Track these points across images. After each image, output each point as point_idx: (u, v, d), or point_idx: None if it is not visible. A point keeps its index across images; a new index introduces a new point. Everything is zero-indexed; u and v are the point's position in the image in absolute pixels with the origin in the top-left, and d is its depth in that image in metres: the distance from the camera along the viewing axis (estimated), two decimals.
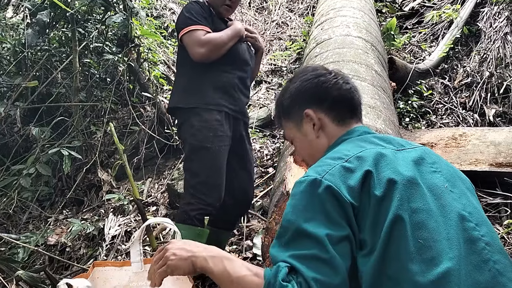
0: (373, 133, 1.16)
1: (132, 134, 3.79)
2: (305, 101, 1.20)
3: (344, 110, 1.19)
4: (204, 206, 2.02)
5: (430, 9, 5.11)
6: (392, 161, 1.00)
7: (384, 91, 2.59)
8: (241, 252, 2.46)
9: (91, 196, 3.52)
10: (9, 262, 2.40)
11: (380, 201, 0.92)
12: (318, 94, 1.18)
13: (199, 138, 2.05)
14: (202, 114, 2.07)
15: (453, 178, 1.05)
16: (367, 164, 0.97)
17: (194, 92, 2.11)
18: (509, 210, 2.40)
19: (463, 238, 0.90)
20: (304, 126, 1.20)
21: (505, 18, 4.22)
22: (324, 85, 1.18)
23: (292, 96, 1.22)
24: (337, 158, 1.00)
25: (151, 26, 4.15)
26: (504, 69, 3.79)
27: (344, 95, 1.18)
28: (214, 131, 2.06)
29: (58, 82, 3.88)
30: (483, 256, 0.89)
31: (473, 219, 0.95)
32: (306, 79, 1.21)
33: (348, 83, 1.20)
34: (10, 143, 3.76)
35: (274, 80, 4.71)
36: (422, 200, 0.94)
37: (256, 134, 3.74)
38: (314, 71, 1.22)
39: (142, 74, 3.93)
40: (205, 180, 2.03)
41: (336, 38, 3.14)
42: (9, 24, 4.24)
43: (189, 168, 2.10)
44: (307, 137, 1.20)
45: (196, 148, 2.06)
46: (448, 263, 0.84)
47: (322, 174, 0.95)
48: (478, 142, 2.79)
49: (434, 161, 1.07)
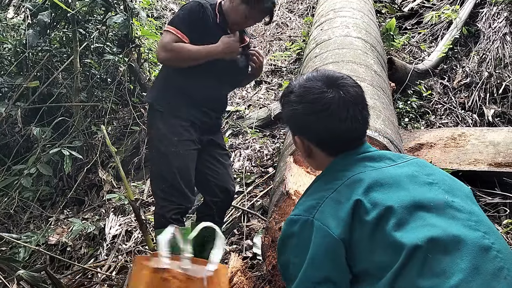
0: (367, 153, 1.11)
1: (132, 134, 3.81)
2: (295, 127, 1.16)
3: (337, 147, 1.11)
4: (177, 206, 2.07)
5: (430, 9, 5.12)
6: (383, 183, 1.00)
7: (383, 91, 2.61)
8: (241, 251, 2.47)
9: (92, 195, 3.53)
10: (10, 262, 2.41)
11: (375, 227, 0.93)
12: (308, 130, 1.12)
13: (165, 143, 2.09)
14: (168, 120, 2.12)
15: (452, 187, 1.04)
16: (356, 193, 0.98)
17: (165, 96, 2.15)
18: (508, 210, 2.41)
19: (474, 248, 0.89)
20: (298, 146, 1.18)
21: (504, 19, 4.23)
22: (315, 124, 1.08)
23: (287, 115, 1.19)
24: (328, 189, 1.02)
25: (152, 27, 4.17)
26: (503, 69, 3.80)
27: (337, 137, 1.09)
28: (179, 136, 2.10)
29: (59, 83, 3.89)
30: (497, 264, 0.87)
31: (481, 228, 0.94)
32: (298, 112, 1.11)
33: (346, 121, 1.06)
34: (11, 143, 3.77)
35: (274, 80, 4.72)
36: (422, 218, 0.93)
37: (256, 134, 3.75)
38: (305, 96, 1.10)
39: (143, 75, 3.94)
40: (173, 183, 2.06)
41: (335, 39, 3.15)
42: (10, 24, 4.25)
43: (157, 172, 2.14)
44: (302, 154, 1.22)
45: (162, 152, 2.10)
46: (459, 275, 0.84)
47: (312, 213, 0.98)
48: (477, 142, 2.81)
49: (430, 173, 1.06)
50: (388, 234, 0.91)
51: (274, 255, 1.81)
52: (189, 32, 2.05)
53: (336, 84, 1.10)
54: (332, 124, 1.07)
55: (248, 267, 2.23)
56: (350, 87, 1.10)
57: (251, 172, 3.25)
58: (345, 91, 1.08)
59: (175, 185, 2.07)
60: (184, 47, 2.03)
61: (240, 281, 1.93)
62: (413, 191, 0.99)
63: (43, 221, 3.32)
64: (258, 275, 2.11)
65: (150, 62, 4.18)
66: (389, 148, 1.95)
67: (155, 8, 5.49)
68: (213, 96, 2.21)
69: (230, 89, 2.38)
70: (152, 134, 2.19)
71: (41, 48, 3.79)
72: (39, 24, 3.53)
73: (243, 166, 3.34)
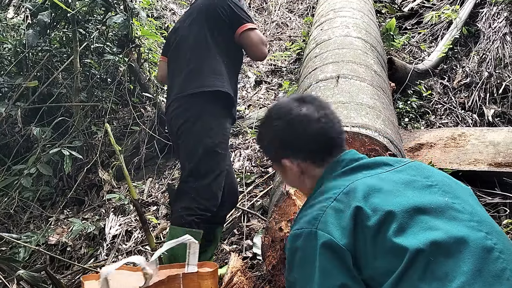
0: (359, 159, 1.13)
1: (132, 134, 3.81)
2: (280, 151, 1.18)
3: (322, 150, 1.15)
4: (203, 212, 1.99)
5: (430, 9, 5.12)
6: (382, 188, 0.99)
7: (383, 91, 2.61)
8: (241, 251, 2.47)
9: (92, 196, 3.53)
10: (10, 262, 2.41)
11: (376, 233, 0.92)
12: (290, 145, 1.15)
13: (215, 142, 2.00)
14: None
15: (452, 188, 1.03)
16: (356, 200, 0.97)
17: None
18: (508, 210, 2.41)
19: (476, 250, 0.88)
20: (288, 173, 1.20)
21: (504, 19, 4.23)
22: (294, 135, 1.14)
23: (268, 144, 1.22)
24: (326, 199, 1.02)
25: (152, 27, 4.16)
26: (503, 69, 3.80)
27: (317, 138, 1.13)
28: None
29: (59, 83, 3.89)
30: (499, 265, 0.87)
31: (483, 228, 0.93)
32: (277, 130, 1.17)
33: (318, 121, 1.13)
34: (11, 143, 3.77)
35: (274, 80, 4.73)
36: (422, 221, 0.93)
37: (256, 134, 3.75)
38: (284, 117, 1.16)
39: (143, 75, 3.94)
40: (210, 184, 1.99)
41: (335, 39, 3.15)
42: (10, 24, 4.25)
43: (196, 170, 2.01)
44: (294, 181, 1.22)
45: (209, 150, 2.00)
46: (462, 278, 0.83)
47: (315, 224, 0.98)
48: (477, 142, 2.81)
49: (428, 175, 1.06)
50: (389, 239, 0.91)
51: (274, 255, 1.81)
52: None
53: (305, 99, 1.18)
54: (311, 126, 1.13)
55: (248, 267, 2.23)
56: (318, 100, 1.20)
57: (251, 172, 3.26)
58: (316, 102, 1.18)
59: (212, 186, 1.99)
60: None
61: (240, 281, 1.93)
62: (413, 195, 0.99)
63: (43, 221, 3.32)
64: (258, 275, 2.11)
65: (150, 62, 4.18)
66: (389, 148, 1.95)
67: (155, 8, 5.49)
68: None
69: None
70: (198, 126, 2.02)
71: (41, 48, 3.79)
72: (39, 24, 3.53)
73: (243, 166, 3.34)
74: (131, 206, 3.19)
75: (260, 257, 2.26)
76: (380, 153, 1.92)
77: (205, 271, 1.51)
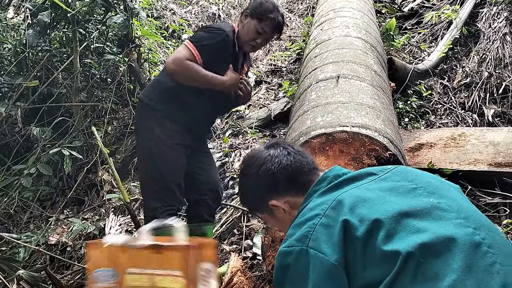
0: (343, 174, 1.16)
1: (132, 134, 3.80)
2: (263, 195, 1.22)
3: (300, 180, 1.20)
4: (169, 207, 2.10)
5: (430, 9, 5.12)
6: (367, 198, 1.01)
7: (383, 91, 2.61)
8: (241, 251, 2.47)
9: (92, 195, 3.53)
10: (10, 262, 2.41)
11: (365, 242, 0.93)
12: (270, 184, 1.20)
13: (159, 145, 2.13)
14: (163, 122, 2.15)
15: (437, 188, 1.05)
16: (343, 213, 0.99)
17: (163, 98, 2.18)
18: (508, 210, 2.41)
19: (465, 246, 0.89)
20: (277, 214, 1.23)
21: (504, 19, 4.23)
22: (270, 172, 1.20)
23: (250, 195, 1.28)
24: (316, 215, 1.02)
25: (152, 27, 4.17)
26: (503, 69, 3.80)
27: (290, 172, 1.19)
28: (172, 139, 2.15)
29: (59, 83, 3.89)
30: (488, 260, 0.88)
31: (471, 224, 0.94)
32: (253, 175, 1.23)
33: (289, 154, 1.21)
34: (11, 143, 3.77)
35: (274, 80, 4.73)
36: (410, 225, 0.93)
37: (256, 134, 3.75)
38: (256, 162, 1.23)
39: (143, 75, 3.94)
40: (165, 185, 2.11)
41: (335, 39, 3.15)
42: (10, 24, 4.25)
43: (148, 173, 2.16)
44: (284, 220, 1.23)
45: (154, 154, 2.13)
46: (452, 276, 0.84)
47: (305, 242, 0.98)
48: (477, 142, 2.80)
49: (412, 178, 1.07)
50: (379, 247, 0.92)
51: (274, 255, 1.81)
52: (207, 56, 2.13)
53: (269, 145, 1.27)
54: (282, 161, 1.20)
55: (248, 267, 2.23)
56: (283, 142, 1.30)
57: None
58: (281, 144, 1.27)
59: (167, 186, 2.10)
60: (194, 68, 2.10)
61: (240, 281, 1.93)
62: (398, 200, 1.00)
63: (43, 221, 3.32)
64: (258, 275, 2.11)
65: (150, 62, 4.18)
66: (389, 148, 1.95)
67: (155, 8, 5.49)
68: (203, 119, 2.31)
69: (220, 113, 2.47)
70: (144, 134, 2.20)
71: (41, 48, 3.79)
72: (39, 24, 3.53)
73: None
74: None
75: (260, 257, 2.26)
76: (380, 153, 1.92)
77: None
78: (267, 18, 2.17)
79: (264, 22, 2.17)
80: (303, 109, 2.37)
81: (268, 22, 2.17)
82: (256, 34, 2.20)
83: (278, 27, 2.22)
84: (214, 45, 2.15)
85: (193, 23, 5.65)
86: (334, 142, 1.92)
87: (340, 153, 1.91)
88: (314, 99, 2.39)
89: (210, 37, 2.17)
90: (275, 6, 2.21)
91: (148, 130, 2.16)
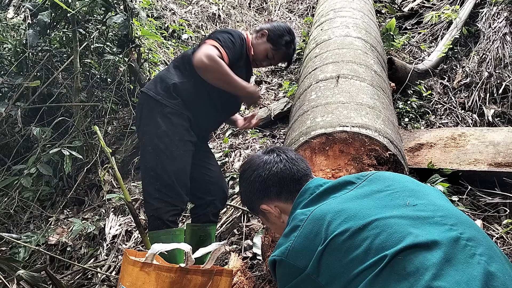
0: (324, 184, 1.20)
1: (132, 134, 3.81)
2: (256, 199, 1.31)
3: (289, 187, 1.26)
4: (173, 207, 2.05)
5: (430, 9, 5.12)
6: (345, 209, 1.04)
7: (383, 91, 2.61)
8: (241, 251, 2.48)
9: (91, 195, 3.53)
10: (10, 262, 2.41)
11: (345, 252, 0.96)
12: (261, 190, 1.28)
13: (165, 142, 2.05)
14: (171, 117, 2.08)
15: (413, 191, 1.08)
16: (321, 224, 1.02)
17: (171, 94, 2.11)
18: (508, 210, 2.41)
19: (443, 242, 0.91)
20: (269, 217, 1.32)
21: (504, 19, 4.23)
22: (260, 178, 1.28)
23: (246, 198, 1.36)
24: (295, 227, 1.08)
25: (152, 27, 4.17)
26: (503, 69, 3.80)
27: (281, 177, 1.27)
28: (180, 136, 2.09)
29: (59, 83, 3.89)
30: (467, 252, 0.90)
31: (448, 221, 0.97)
32: (247, 180, 1.32)
33: (280, 161, 1.28)
34: (11, 143, 3.77)
35: (274, 80, 4.73)
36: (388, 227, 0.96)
37: (256, 134, 3.75)
38: (250, 168, 1.32)
39: (143, 75, 3.94)
40: (170, 183, 2.04)
41: (335, 39, 3.15)
42: (10, 24, 4.25)
43: (153, 171, 2.07)
44: (276, 224, 1.32)
45: (160, 150, 2.05)
46: (432, 270, 0.86)
47: (285, 253, 1.06)
48: (477, 142, 2.81)
49: (388, 184, 1.11)
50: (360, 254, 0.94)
51: None
52: (229, 59, 2.10)
53: (268, 150, 1.34)
54: (273, 168, 1.28)
55: (248, 267, 2.23)
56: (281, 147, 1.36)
57: None
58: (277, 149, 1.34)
59: (172, 185, 2.04)
60: (225, 67, 2.05)
61: (240, 281, 1.93)
62: (375, 206, 1.04)
63: (43, 221, 3.32)
64: (258, 275, 2.11)
65: (150, 62, 4.18)
66: (389, 148, 1.95)
67: (155, 8, 5.49)
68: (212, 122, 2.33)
69: (229, 115, 2.49)
70: (149, 130, 2.10)
71: (41, 48, 3.79)
72: (39, 24, 3.53)
73: None
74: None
75: (260, 257, 2.26)
76: (380, 153, 1.92)
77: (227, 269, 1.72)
78: (282, 50, 2.24)
79: (278, 52, 2.25)
80: (303, 109, 2.37)
81: (281, 54, 2.26)
82: (265, 58, 2.27)
83: (287, 60, 2.32)
84: (238, 50, 2.16)
85: (193, 23, 5.65)
86: (334, 142, 1.92)
87: (340, 153, 1.91)
88: (314, 99, 2.39)
89: (231, 37, 2.16)
90: (292, 41, 2.27)
91: (154, 126, 2.07)
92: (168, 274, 1.52)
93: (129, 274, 1.52)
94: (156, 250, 1.52)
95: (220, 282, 1.65)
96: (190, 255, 1.55)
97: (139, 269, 1.51)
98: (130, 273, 1.52)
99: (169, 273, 1.52)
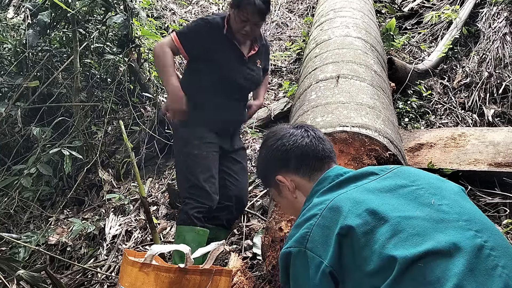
0: (345, 173, 1.16)
1: (132, 134, 3.80)
2: (273, 168, 1.26)
3: (310, 163, 1.22)
4: (200, 204, 2.16)
5: (430, 9, 5.12)
6: (366, 200, 0.99)
7: (383, 91, 2.61)
8: (241, 251, 2.47)
9: (91, 195, 3.53)
10: (10, 262, 2.41)
11: (363, 245, 0.92)
12: (281, 159, 1.24)
13: (188, 146, 2.23)
14: (190, 126, 2.26)
15: (439, 189, 1.04)
16: (340, 214, 0.98)
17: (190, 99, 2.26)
18: (508, 210, 2.41)
19: (466, 250, 0.88)
20: (282, 191, 1.27)
21: (504, 19, 4.23)
22: (283, 148, 1.24)
23: (262, 166, 1.33)
24: (313, 215, 1.03)
25: (152, 27, 4.16)
26: (503, 69, 3.80)
27: (304, 151, 1.23)
28: (200, 139, 2.22)
29: (59, 83, 3.89)
30: (490, 263, 0.87)
31: (473, 226, 0.94)
32: (269, 148, 1.28)
33: (307, 136, 1.25)
34: (11, 143, 3.77)
35: (274, 80, 4.73)
36: (411, 227, 0.92)
37: (256, 134, 3.75)
38: (275, 136, 1.28)
39: (143, 75, 3.94)
40: (196, 183, 2.17)
41: (335, 39, 3.15)
42: (10, 24, 4.25)
43: (181, 173, 2.31)
44: (288, 199, 1.27)
45: (185, 154, 2.24)
46: (454, 280, 0.83)
47: (303, 243, 1.00)
48: (477, 142, 2.80)
49: (414, 179, 1.06)
50: (377, 250, 0.90)
51: (274, 255, 1.81)
52: (191, 46, 2.22)
53: (295, 126, 1.31)
54: (299, 141, 1.24)
55: (248, 267, 2.23)
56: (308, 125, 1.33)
57: (251, 172, 3.25)
58: (305, 126, 1.30)
59: (198, 185, 2.16)
60: (165, 57, 2.19)
61: (240, 281, 1.93)
62: (398, 203, 0.99)
63: (43, 221, 3.32)
64: (258, 275, 2.11)
65: (150, 62, 4.18)
66: (389, 148, 1.95)
67: (155, 8, 5.49)
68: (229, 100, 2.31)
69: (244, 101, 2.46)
70: (176, 137, 2.36)
71: (41, 48, 3.79)
72: (39, 24, 3.53)
73: None
74: (131, 206, 3.19)
75: (260, 257, 2.26)
76: (380, 153, 1.92)
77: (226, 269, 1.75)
78: (245, 6, 2.15)
79: (244, 10, 2.15)
80: (303, 109, 2.37)
81: (247, 9, 2.14)
82: (241, 23, 2.18)
83: (258, 11, 2.14)
84: (196, 34, 2.21)
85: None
86: (334, 142, 1.92)
87: (340, 153, 1.91)
88: (314, 99, 2.39)
89: (191, 27, 2.25)
90: None
91: (179, 134, 2.32)
92: (167, 274, 1.53)
93: (128, 274, 1.53)
94: (155, 252, 1.53)
95: (219, 282, 1.65)
96: (189, 256, 1.56)
97: (138, 269, 1.52)
98: (129, 274, 1.52)
99: (168, 273, 1.53)
